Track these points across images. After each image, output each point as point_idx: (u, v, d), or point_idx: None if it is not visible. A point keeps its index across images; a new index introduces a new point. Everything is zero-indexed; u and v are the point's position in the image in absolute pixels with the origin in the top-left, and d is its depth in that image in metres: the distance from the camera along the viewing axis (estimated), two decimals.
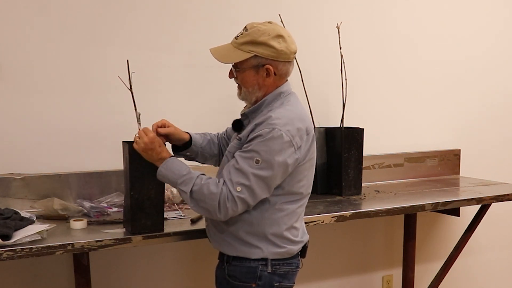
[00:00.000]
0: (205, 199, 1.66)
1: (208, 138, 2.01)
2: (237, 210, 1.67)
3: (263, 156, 1.64)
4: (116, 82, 1.89)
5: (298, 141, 1.69)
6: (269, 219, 1.74)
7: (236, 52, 1.73)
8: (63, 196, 2.26)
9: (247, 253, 1.75)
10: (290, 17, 2.69)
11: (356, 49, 2.92)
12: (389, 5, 3.05)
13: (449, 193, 2.75)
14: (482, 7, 3.33)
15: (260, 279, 1.75)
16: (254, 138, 1.67)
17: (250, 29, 1.72)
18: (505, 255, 3.61)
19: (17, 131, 2.26)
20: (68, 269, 2.31)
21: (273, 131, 1.64)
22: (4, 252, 1.68)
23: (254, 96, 1.77)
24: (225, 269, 1.80)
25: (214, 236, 1.84)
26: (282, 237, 1.76)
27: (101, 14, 2.37)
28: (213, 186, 1.66)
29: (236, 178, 1.65)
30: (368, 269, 3.14)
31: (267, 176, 1.65)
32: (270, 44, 1.70)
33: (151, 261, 2.53)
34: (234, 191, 1.64)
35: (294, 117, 1.71)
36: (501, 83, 3.46)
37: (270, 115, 1.69)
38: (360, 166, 2.67)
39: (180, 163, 1.75)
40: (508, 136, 3.52)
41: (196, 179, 1.69)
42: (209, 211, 1.68)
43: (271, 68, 1.73)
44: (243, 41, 1.72)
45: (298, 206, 1.80)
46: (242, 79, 1.77)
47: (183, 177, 1.70)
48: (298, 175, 1.75)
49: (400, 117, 3.14)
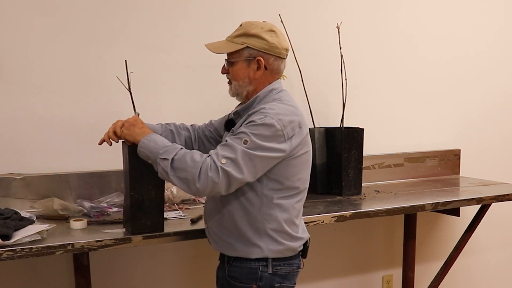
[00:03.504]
0: (186, 168, 1.60)
1: (170, 128, 1.97)
2: (218, 182, 1.60)
3: (252, 138, 1.63)
4: (116, 82, 1.89)
5: (289, 131, 1.68)
6: (268, 214, 1.73)
7: (229, 44, 1.77)
8: (63, 196, 2.26)
9: (247, 253, 1.75)
10: (290, 17, 2.69)
11: (356, 49, 2.92)
12: (389, 5, 3.05)
13: (449, 193, 2.75)
14: (482, 7, 3.33)
15: (261, 280, 1.75)
16: (246, 124, 1.68)
17: (244, 24, 1.77)
18: (505, 255, 3.61)
19: (17, 131, 2.26)
20: (68, 269, 2.31)
21: (265, 118, 1.65)
22: (4, 252, 1.68)
23: (245, 90, 1.78)
24: (226, 270, 1.79)
25: (214, 237, 1.84)
26: (281, 232, 1.75)
27: (101, 14, 2.37)
28: (196, 155, 1.63)
29: (222, 152, 1.63)
30: (368, 269, 3.14)
31: (255, 155, 1.63)
32: (262, 36, 1.73)
33: (151, 261, 2.53)
34: (219, 162, 1.61)
35: (286, 110, 1.71)
36: (501, 83, 3.46)
37: (263, 106, 1.71)
38: (360, 166, 2.67)
39: (163, 138, 1.74)
40: (508, 136, 3.52)
41: (180, 149, 1.66)
42: (187, 181, 1.61)
43: (262, 60, 1.75)
44: (237, 34, 1.77)
45: (296, 201, 1.79)
46: (233, 72, 1.78)
47: (166, 147, 1.67)
48: (293, 169, 1.74)
49: (400, 117, 3.14)
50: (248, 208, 1.73)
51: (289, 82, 2.71)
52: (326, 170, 2.69)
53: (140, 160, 1.77)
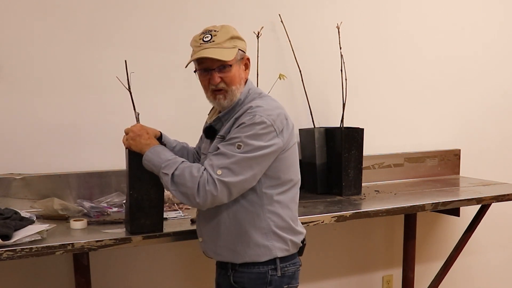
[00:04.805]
0: (185, 183, 1.63)
1: (182, 144, 2.03)
2: (217, 195, 1.61)
3: (245, 141, 1.63)
4: (116, 82, 1.89)
5: (279, 125, 1.69)
6: (271, 212, 1.73)
7: (225, 51, 1.71)
8: (63, 196, 2.27)
9: (255, 257, 1.74)
10: (290, 17, 2.70)
11: (356, 49, 2.91)
12: (389, 5, 3.05)
13: (449, 193, 2.75)
14: (481, 7, 3.33)
15: (271, 284, 1.75)
16: (236, 128, 1.67)
17: (219, 29, 1.73)
18: (505, 255, 3.61)
19: (17, 131, 2.26)
20: (68, 269, 2.31)
21: (254, 118, 1.65)
22: (4, 252, 1.68)
23: (238, 93, 1.76)
24: (231, 276, 1.77)
25: (214, 248, 1.80)
26: (285, 228, 1.76)
27: (101, 14, 2.37)
28: (195, 170, 1.64)
29: (216, 162, 1.63)
30: (368, 269, 3.14)
31: (251, 157, 1.63)
32: (241, 37, 1.77)
33: (151, 261, 2.53)
34: (215, 174, 1.62)
35: (271, 105, 1.73)
36: (501, 83, 3.46)
37: (250, 105, 1.71)
38: (360, 166, 2.67)
39: (167, 150, 1.75)
40: (508, 136, 3.52)
41: (180, 163, 1.68)
42: (187, 196, 1.63)
43: (248, 59, 1.80)
44: (226, 39, 1.72)
45: (293, 195, 1.81)
46: (231, 76, 1.74)
47: (168, 161, 1.69)
48: (287, 161, 1.75)
49: (400, 117, 3.14)
50: (250, 209, 1.73)
51: (289, 82, 2.72)
52: (326, 170, 2.69)
53: (140, 159, 1.77)
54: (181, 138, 2.08)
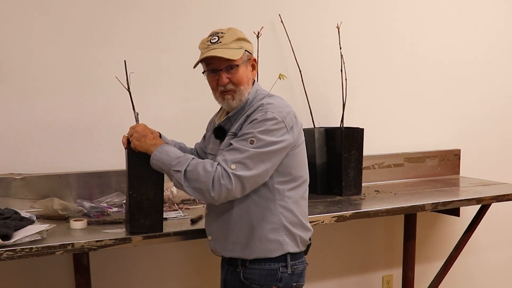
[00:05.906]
0: (199, 178, 1.64)
1: (180, 144, 2.04)
2: (231, 189, 1.63)
3: (257, 136, 1.66)
4: (115, 82, 1.89)
5: (289, 122, 1.73)
6: (283, 207, 1.75)
7: (231, 51, 1.75)
8: (63, 196, 2.27)
9: (267, 252, 1.75)
10: (290, 17, 2.70)
11: (356, 49, 2.91)
12: (389, 5, 3.05)
13: (449, 193, 2.75)
14: (482, 8, 3.33)
15: (281, 281, 1.76)
16: (248, 124, 1.71)
17: (226, 31, 1.77)
18: (505, 255, 3.61)
19: (17, 131, 2.26)
20: (68, 269, 2.31)
21: (266, 114, 1.69)
22: (4, 252, 1.68)
23: (247, 93, 1.80)
24: (240, 272, 1.78)
25: (225, 244, 1.80)
26: (296, 223, 1.78)
27: (101, 14, 2.37)
28: (208, 165, 1.66)
29: (230, 157, 1.66)
30: (368, 269, 3.14)
31: (264, 152, 1.66)
32: (248, 39, 1.81)
33: (151, 261, 2.53)
34: (229, 168, 1.64)
35: (281, 103, 1.77)
36: (501, 83, 3.46)
37: (261, 102, 1.75)
38: (360, 166, 2.67)
39: (175, 148, 1.77)
40: (508, 136, 3.52)
41: (192, 160, 1.69)
42: (202, 191, 1.65)
43: (255, 60, 1.83)
44: (231, 40, 1.76)
45: (304, 192, 1.83)
46: (239, 76, 1.77)
47: (178, 158, 1.70)
48: (297, 158, 1.78)
49: (400, 117, 3.14)
50: (262, 203, 1.74)
51: (289, 82, 2.72)
52: (326, 170, 2.69)
53: (140, 159, 1.78)
54: (181, 138, 2.09)
